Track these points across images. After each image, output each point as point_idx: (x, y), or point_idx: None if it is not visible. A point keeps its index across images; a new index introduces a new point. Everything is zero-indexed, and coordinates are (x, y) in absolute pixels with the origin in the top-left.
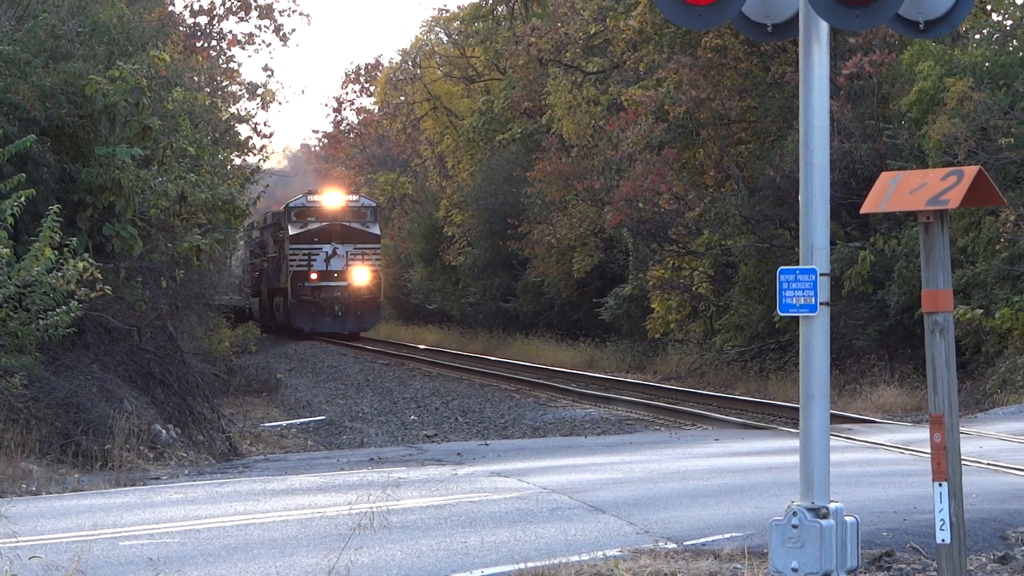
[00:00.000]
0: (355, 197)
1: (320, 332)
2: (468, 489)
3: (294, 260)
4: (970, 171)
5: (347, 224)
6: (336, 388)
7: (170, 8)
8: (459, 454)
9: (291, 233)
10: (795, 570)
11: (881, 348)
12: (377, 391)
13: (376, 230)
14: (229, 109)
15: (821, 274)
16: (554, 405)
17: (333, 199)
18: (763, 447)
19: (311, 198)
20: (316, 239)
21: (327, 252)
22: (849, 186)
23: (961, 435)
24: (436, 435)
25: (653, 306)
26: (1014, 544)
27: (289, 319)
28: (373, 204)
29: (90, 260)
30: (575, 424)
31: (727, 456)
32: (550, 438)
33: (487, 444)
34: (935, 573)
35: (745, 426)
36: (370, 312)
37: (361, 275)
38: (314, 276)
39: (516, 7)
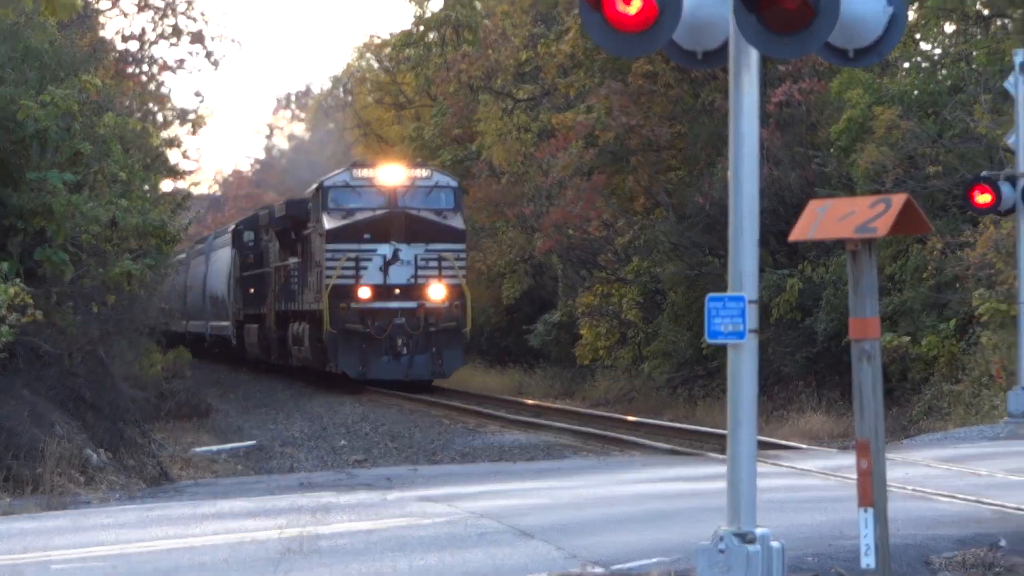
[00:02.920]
0: (426, 172)
1: (376, 379)
2: (397, 514)
3: (333, 268)
4: (898, 199)
5: (415, 213)
6: (266, 413)
7: (101, 34)
8: (388, 479)
9: (328, 227)
10: None
11: (809, 375)
12: (307, 416)
13: (459, 223)
14: (160, 135)
15: (750, 301)
16: (483, 431)
17: (392, 174)
18: (690, 473)
19: (359, 173)
20: (367, 236)
21: (385, 256)
22: (778, 213)
23: (887, 461)
24: (366, 460)
25: (582, 332)
26: (938, 569)
27: (324, 357)
28: (454, 184)
29: (21, 285)
30: (504, 450)
31: (654, 482)
32: (479, 464)
33: (416, 469)
34: None
35: (673, 452)
36: (452, 349)
37: (438, 292)
38: (365, 293)
39: (447, 34)
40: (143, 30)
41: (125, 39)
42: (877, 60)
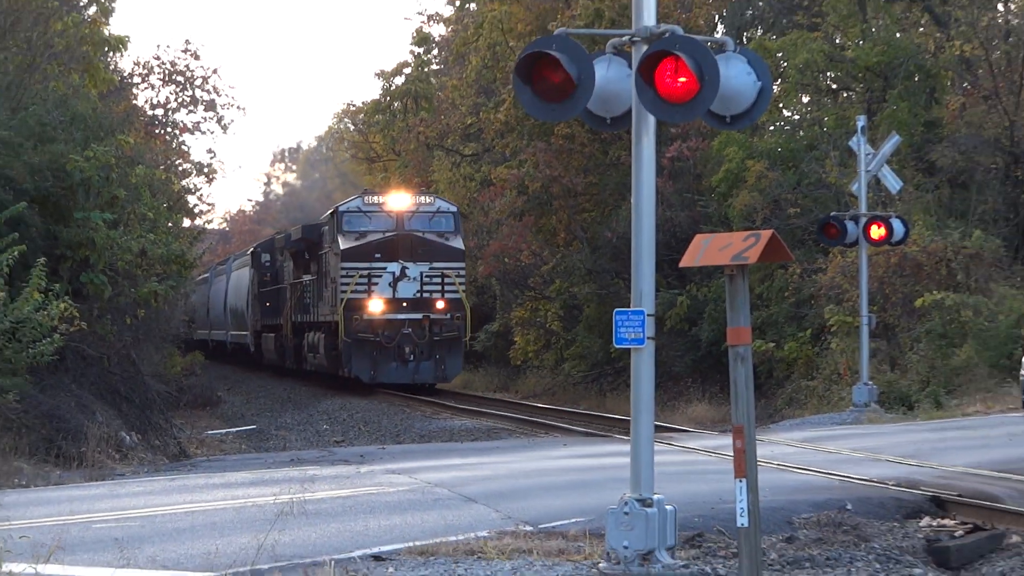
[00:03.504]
0: (428, 199)
1: (385, 383)
2: (369, 483)
3: (347, 283)
4: (765, 234)
5: (420, 235)
6: (264, 403)
7: (133, 102)
8: (362, 456)
9: (343, 247)
10: (626, 547)
11: (695, 373)
12: (297, 406)
13: (459, 243)
14: (180, 183)
15: (648, 314)
16: (437, 417)
17: (399, 201)
18: (601, 451)
19: (370, 200)
20: (378, 255)
21: (394, 273)
22: (670, 245)
23: (757, 442)
24: (343, 440)
25: (515, 339)
26: (798, 528)
27: (338, 363)
28: (454, 209)
29: (69, 302)
30: (454, 432)
31: (573, 458)
32: (433, 443)
33: (384, 448)
34: (736, 551)
35: (587, 434)
36: (453, 355)
37: (441, 305)
38: (377, 306)
39: (408, 103)
40: (167, 99)
41: (153, 107)
42: (749, 124)
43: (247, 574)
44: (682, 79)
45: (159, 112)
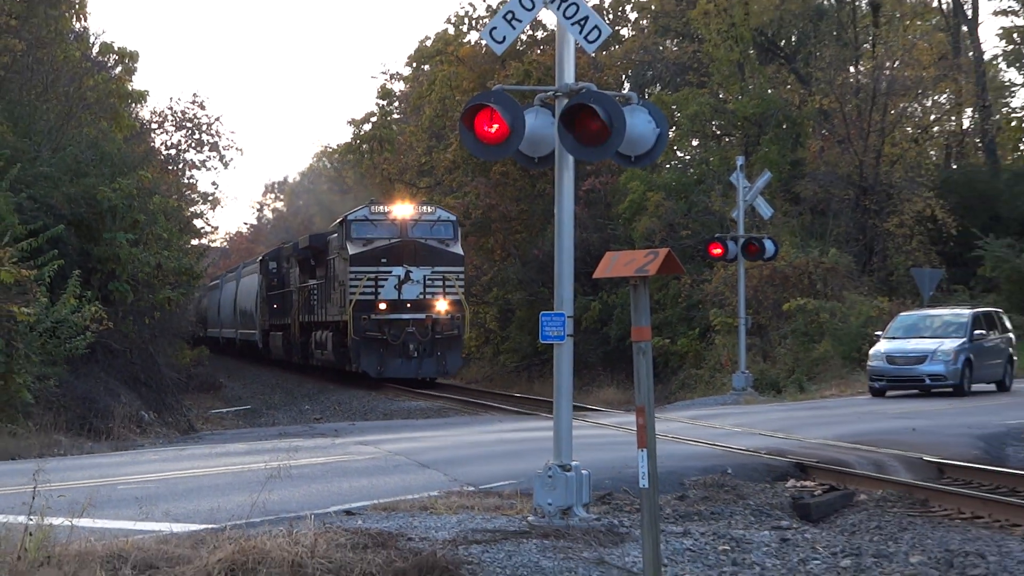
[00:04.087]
0: (430, 208)
1: (390, 377)
2: (341, 453)
3: (356, 286)
4: (662, 251)
5: (423, 242)
6: (257, 388)
7: (151, 144)
8: (336, 430)
9: (352, 252)
10: (550, 504)
11: (605, 363)
12: (283, 390)
13: (458, 249)
14: (189, 209)
15: (568, 316)
16: (398, 399)
17: (403, 210)
18: (530, 427)
19: (376, 209)
20: (384, 260)
21: (399, 276)
22: (585, 260)
23: (655, 419)
24: (321, 418)
25: None
26: (688, 488)
27: (346, 359)
28: (453, 218)
29: (99, 306)
30: (411, 411)
31: (507, 432)
32: (395, 420)
33: (354, 424)
34: (639, 507)
35: (519, 413)
36: (453, 352)
37: (442, 306)
38: (383, 306)
39: (374, 145)
40: (179, 142)
41: (167, 148)
42: (649, 163)
43: (243, 526)
44: (595, 126)
45: (172, 152)
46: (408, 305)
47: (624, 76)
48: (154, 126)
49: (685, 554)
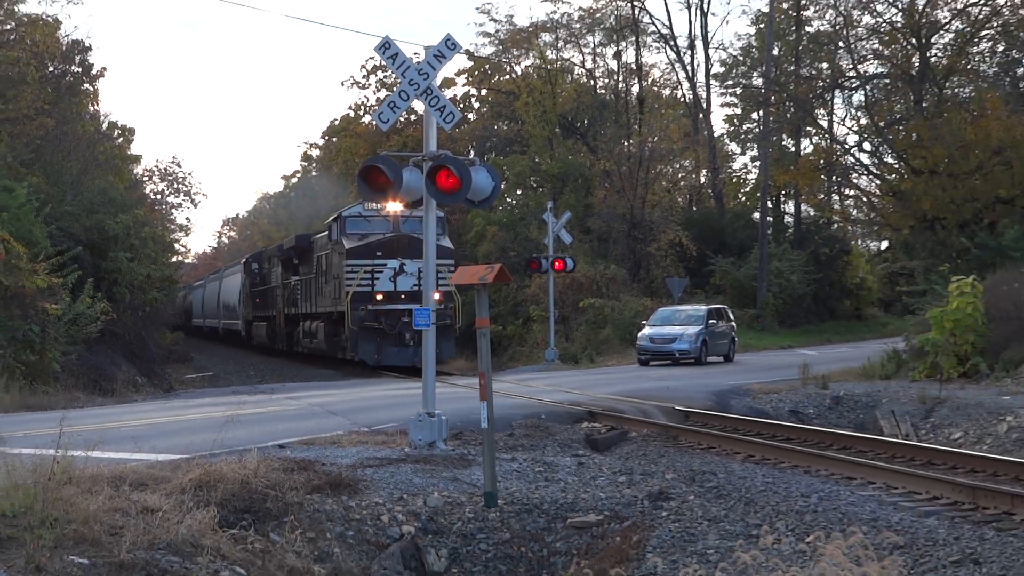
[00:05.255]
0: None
1: (387, 365)
2: (276, 405)
3: (352, 278)
4: (496, 266)
5: (416, 236)
6: (218, 360)
7: (143, 191)
8: (272, 389)
9: (348, 246)
10: (420, 439)
11: (460, 343)
12: (235, 362)
13: (448, 243)
14: (169, 236)
15: (431, 311)
16: (314, 367)
17: (395, 207)
18: (409, 387)
19: (370, 206)
20: (379, 253)
21: (394, 269)
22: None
23: (493, 381)
24: (262, 381)
25: None
26: (515, 428)
27: (337, 347)
28: (442, 215)
29: (106, 303)
30: (325, 376)
31: (393, 390)
32: (313, 382)
33: (284, 385)
34: (481, 442)
35: (400, 377)
36: (446, 340)
37: (436, 296)
38: (379, 297)
39: (299, 192)
40: (163, 190)
41: (155, 194)
42: (488, 206)
43: (207, 456)
44: (451, 180)
45: (158, 196)
46: (403, 296)
47: (471, 146)
48: (145, 179)
49: (512, 473)
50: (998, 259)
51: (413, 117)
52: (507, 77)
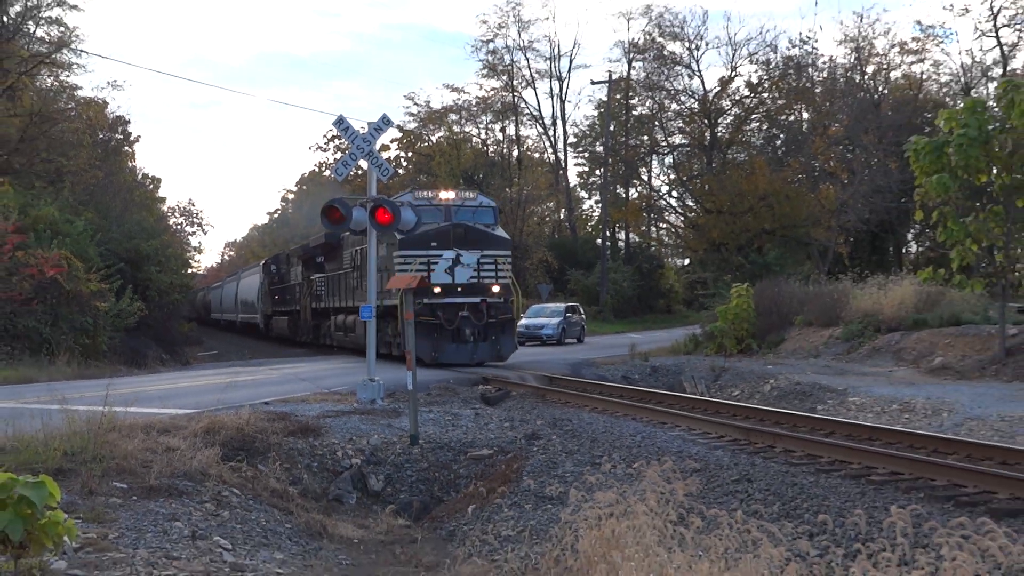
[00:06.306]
0: (471, 193)
1: (446, 362)
2: (261, 374)
3: (405, 270)
4: (419, 276)
5: (472, 225)
6: (221, 342)
7: (168, 223)
8: (259, 363)
9: (399, 236)
10: (365, 398)
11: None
12: (235, 344)
13: (504, 233)
14: (187, 255)
15: (373, 307)
16: (292, 350)
17: (447, 195)
18: (355, 360)
19: (420, 194)
20: (434, 243)
21: (450, 259)
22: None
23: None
24: (253, 358)
25: None
26: (432, 390)
27: (391, 344)
28: (494, 204)
29: (140, 303)
30: (295, 354)
31: (344, 364)
32: (288, 358)
33: (268, 360)
34: (408, 399)
35: (352, 355)
36: (507, 336)
37: (495, 289)
38: (437, 290)
39: (279, 226)
40: (182, 222)
41: (176, 225)
42: (412, 235)
43: (213, 410)
44: (387, 216)
45: (178, 227)
46: (459, 289)
47: (400, 192)
48: (169, 214)
49: (429, 421)
50: (764, 272)
51: (360, 172)
52: (426, 144)
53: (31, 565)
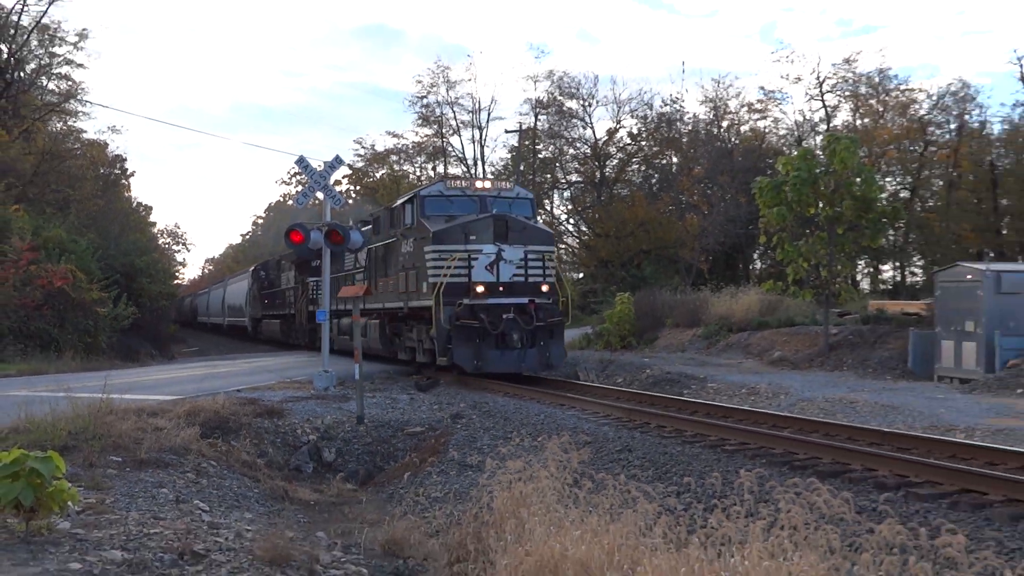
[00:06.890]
0: (507, 184)
1: (490, 371)
2: (235, 365)
3: (440, 267)
4: (366, 285)
5: (515, 217)
6: (203, 340)
7: (158, 242)
8: (234, 358)
9: (433, 230)
10: (320, 386)
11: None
12: (214, 344)
13: (546, 228)
14: (174, 269)
15: (326, 311)
16: (263, 349)
17: (482, 184)
18: (313, 355)
19: (453, 184)
20: (472, 237)
21: (492, 255)
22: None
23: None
24: (229, 354)
25: None
26: (376, 380)
27: (425, 351)
28: (531, 196)
29: (134, 308)
30: (266, 351)
31: (302, 357)
32: (256, 352)
33: (241, 355)
34: (355, 386)
35: (310, 351)
36: (556, 342)
37: (544, 288)
38: (479, 289)
39: (251, 246)
40: (169, 242)
41: (164, 244)
42: (358, 251)
43: (193, 396)
44: (338, 237)
45: (166, 246)
46: (501, 288)
47: (350, 219)
48: (159, 236)
49: (373, 404)
50: (641, 284)
51: (317, 201)
52: (371, 179)
53: (40, 526)
